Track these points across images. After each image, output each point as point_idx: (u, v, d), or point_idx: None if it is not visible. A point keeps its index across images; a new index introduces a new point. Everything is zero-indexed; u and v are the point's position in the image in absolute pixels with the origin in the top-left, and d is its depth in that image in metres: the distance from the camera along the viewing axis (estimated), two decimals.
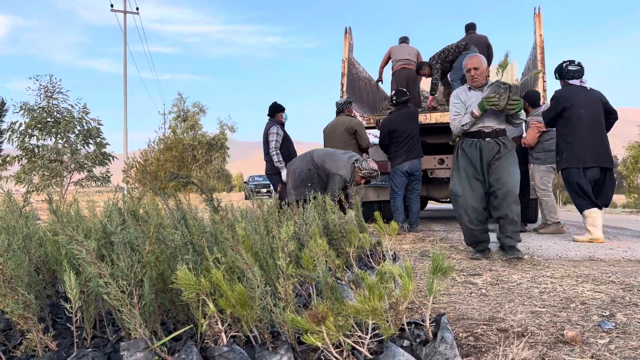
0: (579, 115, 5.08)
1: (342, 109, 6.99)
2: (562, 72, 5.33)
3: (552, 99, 5.35)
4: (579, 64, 5.29)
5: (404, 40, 8.76)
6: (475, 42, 7.77)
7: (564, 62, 5.38)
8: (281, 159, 6.50)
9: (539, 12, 7.43)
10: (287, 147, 6.68)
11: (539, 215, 6.98)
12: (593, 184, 5.14)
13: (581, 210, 5.22)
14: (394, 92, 6.98)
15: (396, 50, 8.51)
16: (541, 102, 6.47)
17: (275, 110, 6.82)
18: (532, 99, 6.33)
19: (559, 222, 6.29)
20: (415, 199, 6.75)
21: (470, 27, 8.24)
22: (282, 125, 6.74)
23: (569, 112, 5.12)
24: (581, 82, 5.25)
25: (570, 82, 5.27)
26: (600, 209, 5.18)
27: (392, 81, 8.72)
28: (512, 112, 4.07)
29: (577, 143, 5.08)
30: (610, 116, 5.24)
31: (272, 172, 6.69)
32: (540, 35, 7.28)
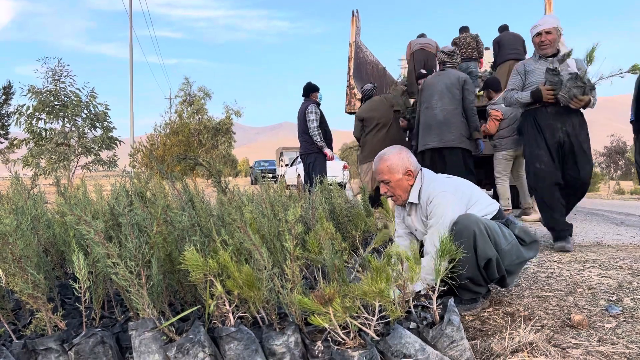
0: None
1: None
2: None
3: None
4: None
5: (421, 35, 8.92)
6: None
7: None
8: (322, 138, 6.52)
9: None
10: (323, 127, 6.65)
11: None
12: None
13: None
14: (417, 73, 6.82)
15: (414, 40, 8.63)
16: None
17: (310, 90, 6.80)
18: (494, 85, 6.30)
19: (508, 209, 6.25)
20: None
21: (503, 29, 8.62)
22: (317, 104, 6.71)
23: None
24: None
25: None
26: None
27: (409, 61, 8.72)
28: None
29: None
30: None
31: (309, 152, 6.66)
32: None
